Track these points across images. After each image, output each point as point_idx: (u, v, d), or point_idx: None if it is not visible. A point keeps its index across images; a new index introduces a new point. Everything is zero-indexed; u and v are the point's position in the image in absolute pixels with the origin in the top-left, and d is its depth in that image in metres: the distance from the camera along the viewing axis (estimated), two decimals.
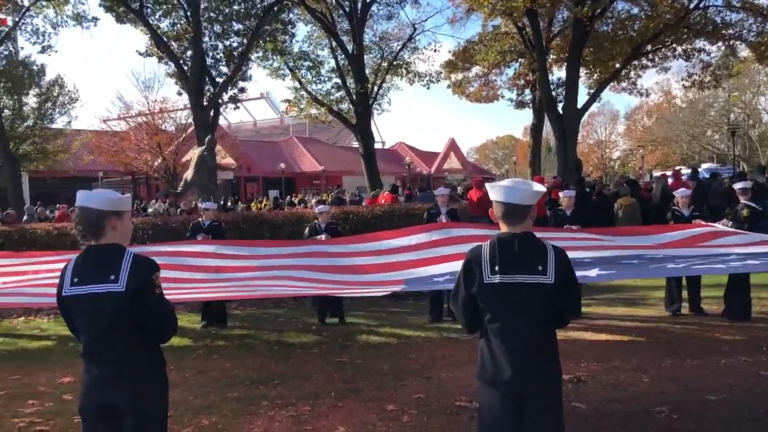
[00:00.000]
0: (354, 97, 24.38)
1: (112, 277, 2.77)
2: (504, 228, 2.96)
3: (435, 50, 27.93)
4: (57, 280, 2.93)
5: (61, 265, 3.00)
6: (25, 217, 15.79)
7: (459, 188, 23.31)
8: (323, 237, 8.50)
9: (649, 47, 22.85)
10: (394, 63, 25.86)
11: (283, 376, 6.33)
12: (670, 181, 15.27)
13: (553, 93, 24.68)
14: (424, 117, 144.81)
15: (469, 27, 64.27)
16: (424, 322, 8.67)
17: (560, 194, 9.14)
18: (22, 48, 26.86)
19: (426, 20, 30.08)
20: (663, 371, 6.09)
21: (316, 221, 9.02)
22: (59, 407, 5.64)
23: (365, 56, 24.98)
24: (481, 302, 2.92)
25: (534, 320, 2.86)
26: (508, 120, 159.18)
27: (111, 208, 2.87)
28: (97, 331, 2.84)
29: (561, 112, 22.65)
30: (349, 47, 24.02)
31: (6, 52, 25.40)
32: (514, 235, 2.91)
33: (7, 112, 26.28)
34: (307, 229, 8.98)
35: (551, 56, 26.02)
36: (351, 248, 6.79)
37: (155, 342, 2.96)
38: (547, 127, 28.46)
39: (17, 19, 24.37)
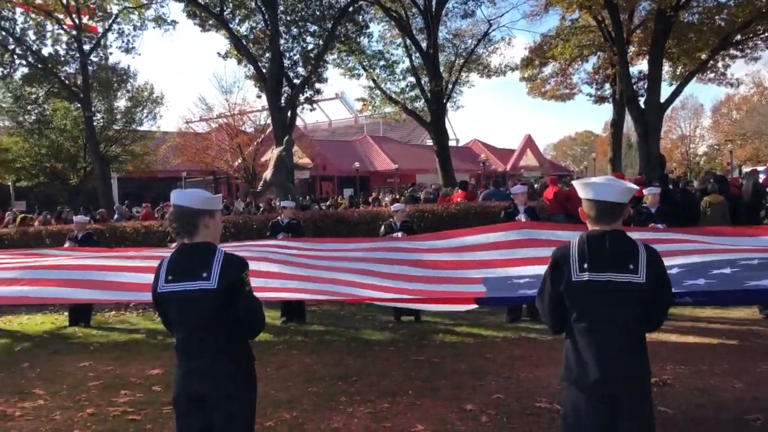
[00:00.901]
0: (428, 94, 24.36)
1: (204, 275, 2.88)
2: (593, 227, 2.89)
3: (509, 43, 27.53)
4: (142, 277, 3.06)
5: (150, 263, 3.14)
6: (115, 216, 16.58)
7: (536, 186, 22.93)
8: (399, 235, 8.54)
9: (738, 37, 21.74)
10: (469, 59, 25.66)
11: (360, 373, 6.40)
12: (762, 177, 14.48)
13: (635, 87, 23.84)
14: (499, 113, 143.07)
15: (546, 21, 63.01)
16: (501, 321, 8.57)
17: (644, 191, 8.83)
18: (111, 54, 28.19)
19: (502, 16, 29.79)
20: (757, 376, 5.80)
21: (391, 219, 9.07)
22: (149, 398, 5.91)
23: (439, 53, 24.90)
24: (569, 301, 2.86)
25: (623, 320, 2.78)
26: (586, 115, 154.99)
27: (204, 207, 2.98)
28: (189, 326, 2.95)
29: (643, 106, 21.87)
30: (424, 45, 24.00)
31: (96, 59, 26.71)
32: (605, 232, 2.83)
33: (98, 115, 27.63)
34: (382, 228, 9.05)
35: (632, 49, 25.16)
36: (427, 244, 6.79)
37: (245, 337, 3.05)
38: (628, 123, 27.51)
39: (106, 26, 25.66)
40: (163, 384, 6.27)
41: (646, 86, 22.54)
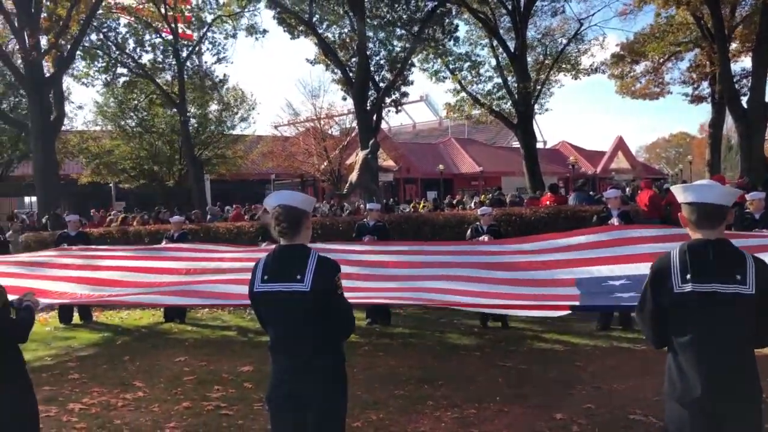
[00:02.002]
0: (515, 96, 23.99)
1: (298, 277, 2.93)
2: (695, 234, 2.74)
3: (601, 45, 26.82)
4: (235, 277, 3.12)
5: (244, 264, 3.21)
6: (208, 217, 17.23)
7: (627, 189, 22.13)
8: (485, 238, 8.43)
9: None
10: (558, 60, 25.09)
11: (447, 377, 6.36)
12: None
13: (736, 85, 22.64)
14: (588, 114, 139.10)
15: (640, 19, 60.69)
16: (591, 329, 8.30)
17: (747, 196, 8.34)
18: (206, 62, 29.37)
19: (594, 14, 28.95)
20: None
21: (478, 223, 8.97)
22: (241, 394, 6.08)
23: (527, 54, 24.48)
24: (671, 314, 2.71)
25: (730, 333, 2.61)
26: (681, 116, 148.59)
27: (308, 209, 3.05)
28: (283, 326, 3.02)
29: (745, 105, 20.73)
30: (511, 46, 23.66)
31: (190, 65, 27.83)
32: (708, 241, 2.66)
33: (192, 120, 28.81)
34: (469, 231, 8.96)
35: (733, 45, 23.92)
36: (515, 247, 6.67)
37: (336, 338, 3.08)
38: (728, 123, 26.15)
39: (201, 34, 26.73)
40: (254, 381, 6.45)
41: (749, 84, 21.36)
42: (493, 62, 25.22)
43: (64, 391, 6.37)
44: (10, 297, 3.46)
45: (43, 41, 20.04)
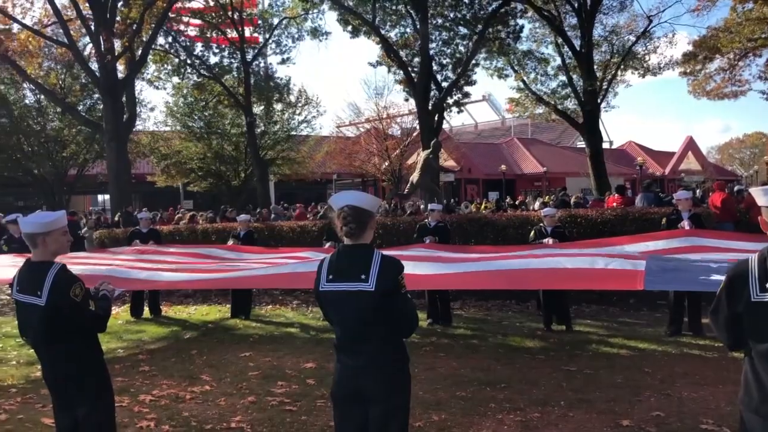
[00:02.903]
0: (581, 95, 23.50)
1: (363, 277, 2.94)
2: None
3: (670, 43, 25.94)
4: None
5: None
6: (272, 216, 17.53)
7: (698, 191, 21.38)
8: (549, 241, 8.29)
9: None
10: (626, 57, 24.43)
11: (509, 380, 6.28)
12: None
13: None
14: (657, 114, 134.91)
15: (713, 14, 58.35)
16: (660, 334, 8.04)
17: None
18: (271, 64, 29.94)
19: (663, 11, 28.08)
20: None
21: (541, 224, 8.82)
22: (304, 390, 6.17)
23: (593, 51, 23.94)
24: (747, 322, 2.57)
25: None
26: (757, 115, 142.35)
27: (374, 210, 3.07)
28: (348, 325, 3.04)
29: None
30: (577, 43, 23.18)
31: (256, 68, 28.42)
32: None
33: (257, 121, 29.40)
34: (532, 233, 8.82)
35: None
36: (582, 251, 6.52)
37: (400, 337, 3.09)
38: None
39: (267, 37, 27.27)
40: (317, 378, 6.53)
41: None
42: (558, 60, 24.81)
43: (135, 382, 6.60)
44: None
45: (117, 45, 20.80)
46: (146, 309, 10.76)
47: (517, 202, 23.39)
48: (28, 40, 21.11)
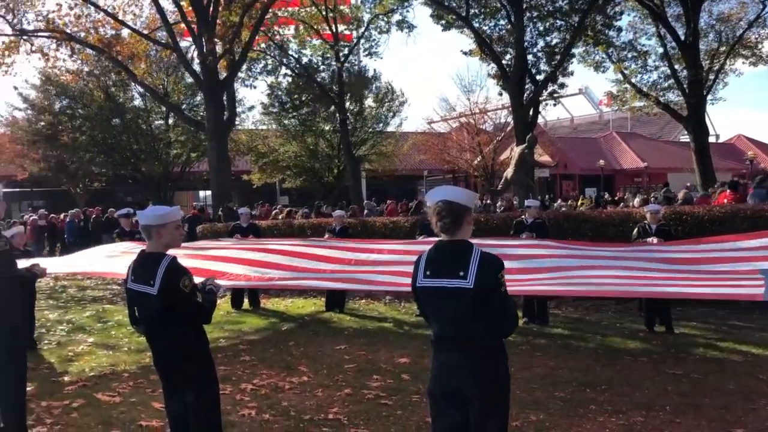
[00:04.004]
0: (685, 86, 22.37)
1: (461, 273, 2.91)
2: None
3: None
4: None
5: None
6: (365, 212, 17.74)
7: None
8: (654, 240, 7.93)
9: None
10: (736, 46, 23.04)
11: (610, 382, 6.07)
12: None
13: None
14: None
15: None
16: None
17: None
18: (360, 61, 30.27)
19: None
20: None
21: (645, 222, 8.45)
22: (398, 385, 6.19)
23: (699, 41, 22.72)
24: None
25: None
26: None
27: (471, 205, 3.03)
28: (445, 321, 3.01)
29: None
30: (681, 33, 22.07)
31: (348, 65, 28.81)
32: None
33: (350, 118, 29.82)
34: (635, 230, 8.47)
35: None
36: (691, 247, 6.21)
37: (498, 335, 3.04)
38: None
39: (360, 33, 27.59)
40: (411, 373, 6.55)
41: None
42: (660, 51, 23.70)
43: (236, 371, 6.85)
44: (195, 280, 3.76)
45: (218, 47, 21.63)
46: (246, 301, 11.14)
47: (615, 199, 22.59)
48: (137, 45, 22.27)
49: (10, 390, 4.49)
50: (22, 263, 5.58)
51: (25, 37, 20.40)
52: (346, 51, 27.46)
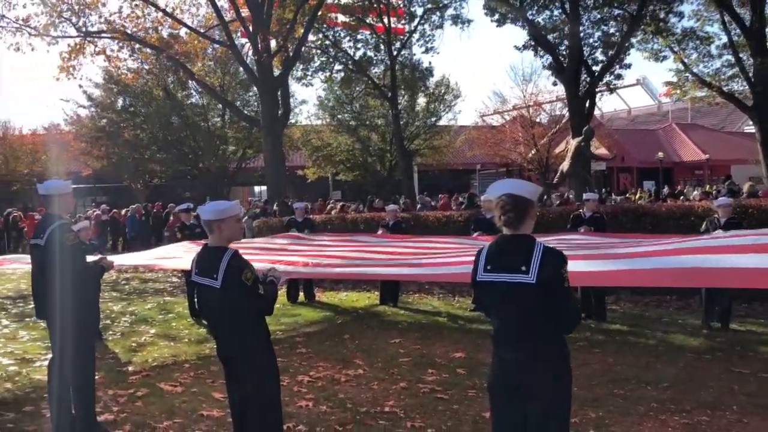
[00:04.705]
0: (750, 75, 21.52)
1: (523, 269, 2.87)
2: None
3: None
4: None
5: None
6: (418, 206, 17.75)
7: None
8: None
9: None
10: None
11: (673, 380, 5.91)
12: None
13: None
14: None
15: None
16: None
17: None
18: (414, 55, 30.19)
19: None
20: None
21: (714, 216, 8.17)
22: (454, 379, 6.18)
23: (766, 27, 21.79)
24: None
25: None
26: None
27: (534, 198, 2.99)
28: (506, 317, 3.00)
29: None
30: (747, 19, 21.22)
31: (401, 59, 28.76)
32: None
33: (402, 112, 29.81)
34: (704, 224, 8.20)
35: None
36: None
37: (561, 332, 3.00)
38: None
39: (412, 27, 27.54)
40: (467, 367, 6.53)
41: None
42: (724, 39, 22.86)
43: (293, 363, 6.95)
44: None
45: (272, 44, 21.93)
46: (301, 294, 11.28)
47: (676, 192, 21.96)
48: (194, 43, 22.77)
49: (81, 379, 4.67)
50: (90, 257, 5.78)
51: (89, 39, 21.10)
52: (398, 45, 27.42)
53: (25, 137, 36.78)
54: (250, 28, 21.23)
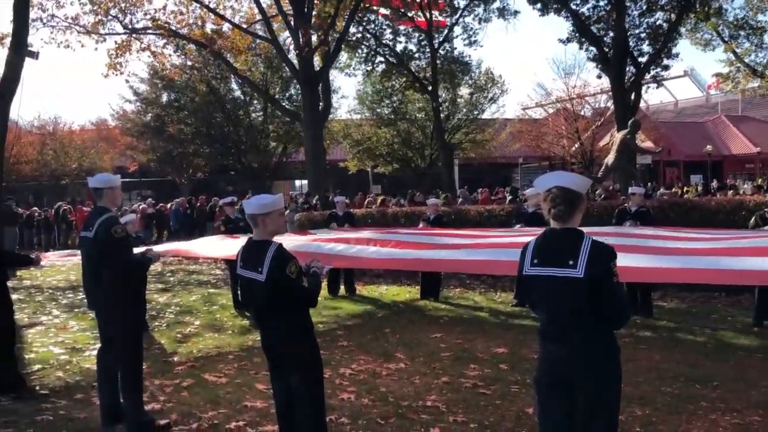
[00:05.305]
0: None
1: (571, 263, 2.83)
2: None
3: None
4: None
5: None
6: (459, 200, 17.65)
7: None
8: None
9: None
10: None
11: (722, 378, 5.76)
12: None
13: None
14: None
15: None
16: None
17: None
18: (455, 48, 29.91)
19: None
20: None
21: (765, 210, 7.93)
22: (496, 374, 6.13)
23: None
24: None
25: None
26: None
27: (584, 191, 2.94)
28: (554, 311, 2.95)
29: None
30: None
31: (442, 51, 28.53)
32: None
33: (443, 105, 29.61)
34: (753, 219, 7.96)
35: None
36: None
37: (609, 327, 2.95)
38: None
39: (453, 20, 27.29)
40: (509, 363, 6.47)
41: None
42: None
43: (335, 355, 6.98)
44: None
45: (313, 38, 22.01)
46: (342, 287, 11.33)
47: (725, 186, 21.37)
48: (237, 39, 23.01)
49: (129, 369, 4.77)
50: (136, 249, 5.90)
51: (134, 36, 21.53)
52: (440, 38, 27.22)
53: (75, 133, 37.83)
54: (292, 22, 21.36)
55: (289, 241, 7.00)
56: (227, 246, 7.36)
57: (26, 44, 13.43)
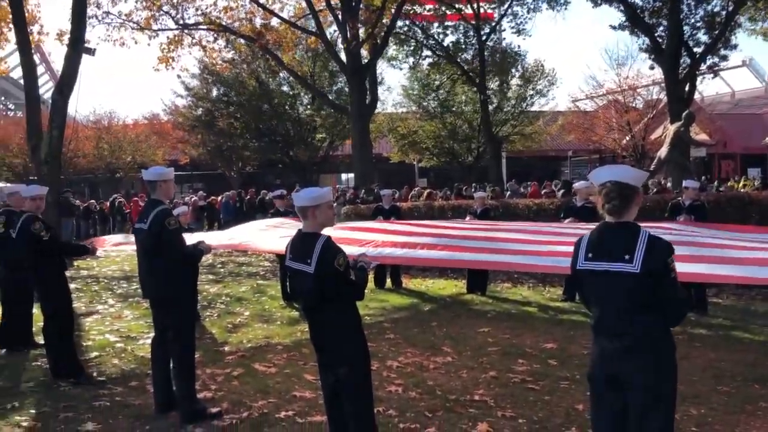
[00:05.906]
0: None
1: (627, 257, 2.78)
2: None
3: None
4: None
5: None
6: (507, 193, 17.48)
7: None
8: None
9: None
10: None
11: None
12: None
13: None
14: None
15: None
16: None
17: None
18: (504, 39, 29.58)
19: None
20: None
21: None
22: (545, 370, 6.06)
23: None
24: None
25: None
26: None
27: (640, 185, 2.89)
28: (608, 306, 2.90)
29: None
30: None
31: (491, 43, 28.25)
32: None
33: (491, 98, 29.32)
34: None
35: None
36: None
37: (666, 324, 2.88)
38: None
39: (501, 12, 26.99)
40: (558, 359, 6.39)
41: None
42: None
43: (382, 348, 7.01)
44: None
45: (361, 32, 22.08)
46: (388, 280, 11.35)
47: None
48: (286, 33, 23.24)
49: (182, 358, 4.89)
50: (188, 241, 6.02)
51: (186, 31, 21.97)
52: (487, 30, 26.94)
53: (129, 127, 38.84)
54: (340, 16, 21.46)
55: (338, 233, 7.03)
56: (276, 239, 7.43)
57: (83, 41, 13.84)
